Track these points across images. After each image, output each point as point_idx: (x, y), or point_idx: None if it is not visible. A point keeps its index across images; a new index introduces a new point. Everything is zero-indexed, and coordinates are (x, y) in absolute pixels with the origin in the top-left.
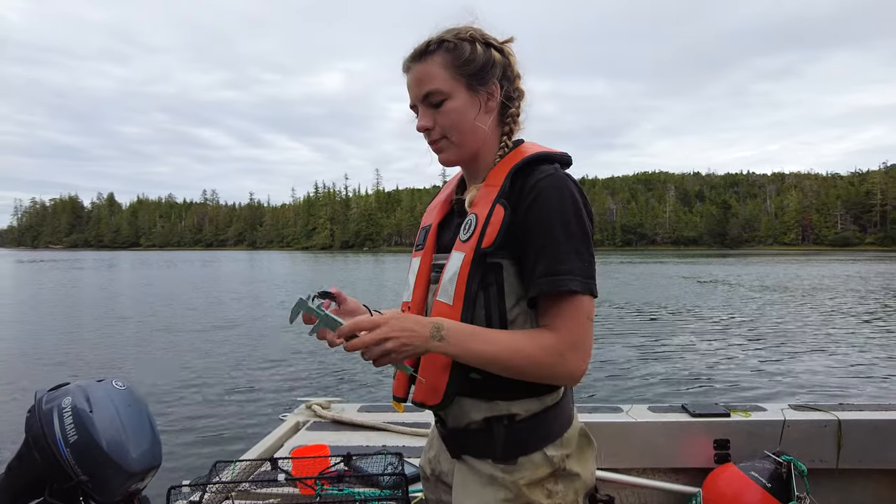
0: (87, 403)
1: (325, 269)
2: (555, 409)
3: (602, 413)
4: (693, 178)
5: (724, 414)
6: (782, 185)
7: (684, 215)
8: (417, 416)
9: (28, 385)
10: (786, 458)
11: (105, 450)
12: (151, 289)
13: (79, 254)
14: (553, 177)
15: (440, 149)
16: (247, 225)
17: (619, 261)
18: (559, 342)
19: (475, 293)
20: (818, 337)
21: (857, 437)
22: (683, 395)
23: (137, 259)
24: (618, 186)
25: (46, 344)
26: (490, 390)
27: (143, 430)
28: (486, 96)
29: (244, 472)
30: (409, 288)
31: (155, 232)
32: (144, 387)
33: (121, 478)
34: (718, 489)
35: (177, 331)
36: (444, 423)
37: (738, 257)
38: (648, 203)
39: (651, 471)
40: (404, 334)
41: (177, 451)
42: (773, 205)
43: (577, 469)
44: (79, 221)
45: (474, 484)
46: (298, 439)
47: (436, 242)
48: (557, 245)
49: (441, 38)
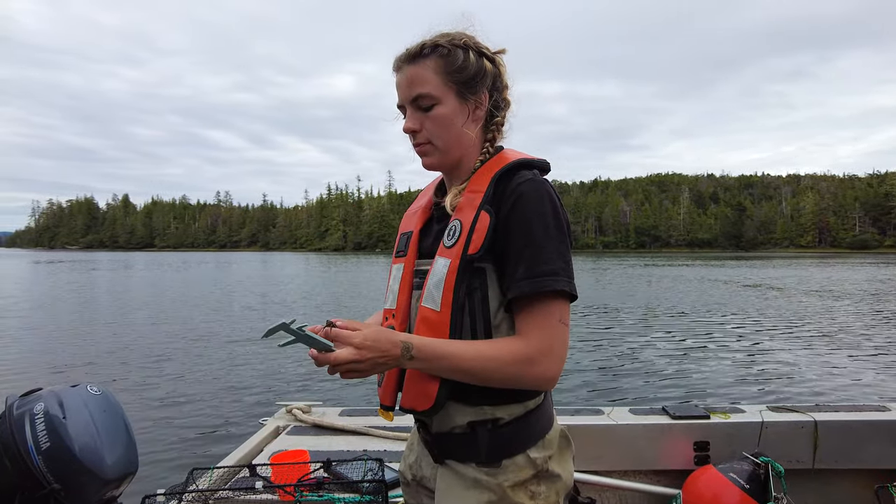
0: (60, 409)
1: (338, 272)
2: (537, 412)
3: (583, 416)
4: (707, 180)
5: (703, 416)
6: (798, 187)
7: (699, 217)
8: (398, 419)
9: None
10: (763, 459)
11: (79, 456)
12: (144, 291)
13: (93, 254)
14: (532, 181)
15: (424, 152)
16: (260, 226)
17: (616, 263)
18: (530, 349)
19: (462, 299)
20: (805, 337)
21: (833, 437)
22: (664, 398)
23: (150, 260)
24: (631, 188)
25: (20, 348)
26: (477, 395)
27: (119, 435)
28: (475, 105)
29: (222, 478)
30: (392, 294)
31: (169, 233)
32: (121, 391)
33: (95, 485)
34: (698, 491)
35: (157, 333)
36: (427, 428)
37: (753, 260)
38: (662, 205)
39: (632, 473)
40: (379, 357)
41: (153, 457)
42: (789, 207)
43: (558, 470)
44: (94, 222)
45: (458, 487)
46: (278, 444)
47: (417, 248)
48: (538, 247)
49: (435, 43)
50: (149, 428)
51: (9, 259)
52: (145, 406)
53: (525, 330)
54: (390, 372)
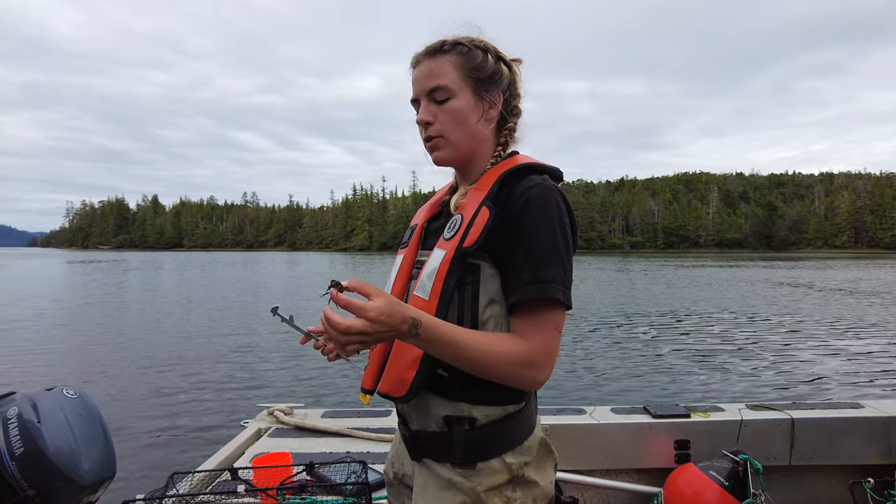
0: (34, 413)
1: (364, 271)
2: (516, 416)
3: (566, 415)
4: (736, 179)
5: (684, 415)
6: (831, 186)
7: (728, 217)
8: (381, 421)
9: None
10: (742, 456)
11: (54, 462)
12: (137, 292)
13: (124, 254)
14: (542, 186)
15: (436, 146)
16: (286, 226)
17: (607, 266)
18: (532, 352)
19: (451, 291)
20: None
21: (809, 434)
22: (645, 395)
23: (175, 260)
24: (658, 187)
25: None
26: (455, 391)
27: (96, 439)
28: (489, 104)
29: (202, 482)
30: (389, 283)
31: (197, 233)
32: (98, 393)
33: (71, 491)
34: (679, 489)
35: (138, 334)
36: (406, 424)
37: (785, 260)
38: (691, 204)
39: (614, 472)
40: (387, 331)
41: (131, 462)
42: (823, 206)
43: (536, 477)
44: (125, 223)
45: (433, 487)
46: (260, 447)
47: (421, 241)
48: (545, 253)
49: (456, 41)
50: (127, 431)
51: (35, 259)
52: (123, 409)
53: (527, 333)
54: (374, 357)
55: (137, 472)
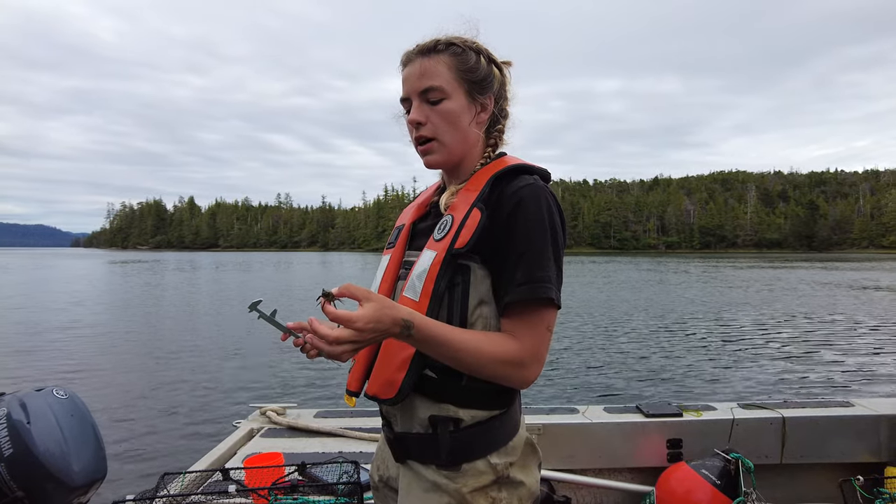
0: (24, 414)
1: None
2: (501, 417)
3: (558, 415)
4: (774, 178)
5: (676, 414)
6: (877, 184)
7: (767, 216)
8: (374, 421)
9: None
10: (734, 455)
11: (44, 463)
12: (139, 293)
13: (161, 254)
14: (533, 186)
15: (428, 150)
16: (319, 227)
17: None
18: (523, 352)
19: (442, 292)
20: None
21: (800, 433)
22: (638, 395)
23: (209, 260)
24: (693, 186)
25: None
26: (442, 392)
27: (87, 440)
28: (481, 107)
29: (194, 483)
30: (375, 284)
31: (232, 234)
32: (88, 394)
33: (61, 492)
34: (671, 488)
35: (130, 336)
36: (390, 426)
37: (831, 261)
38: (727, 204)
39: (607, 471)
40: (378, 335)
41: (122, 462)
42: (868, 205)
43: (521, 477)
44: (163, 224)
45: (417, 489)
46: (252, 447)
47: (408, 241)
48: (538, 253)
49: (450, 41)
50: (118, 432)
51: (72, 259)
52: (115, 409)
53: (518, 333)
54: (360, 359)
55: (128, 473)
